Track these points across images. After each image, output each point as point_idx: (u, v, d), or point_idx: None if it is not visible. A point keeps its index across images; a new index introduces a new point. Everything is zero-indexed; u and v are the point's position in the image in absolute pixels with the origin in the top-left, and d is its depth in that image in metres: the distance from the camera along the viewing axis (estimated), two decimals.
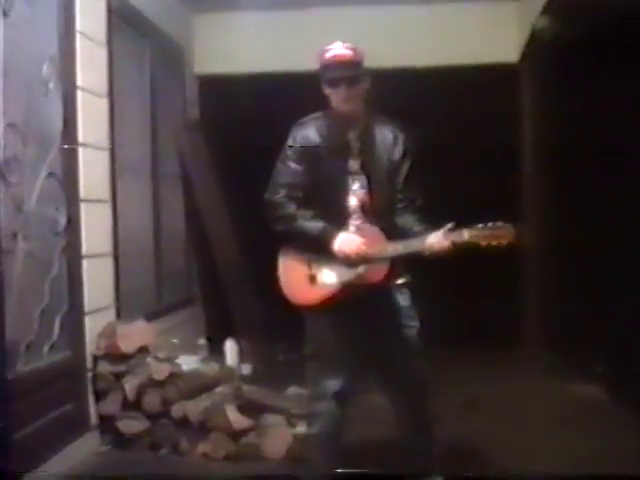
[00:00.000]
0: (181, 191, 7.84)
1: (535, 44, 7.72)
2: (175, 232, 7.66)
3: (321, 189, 4.25)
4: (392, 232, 4.20)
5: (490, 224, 4.00)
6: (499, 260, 4.38)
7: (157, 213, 7.12)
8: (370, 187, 4.24)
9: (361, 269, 4.17)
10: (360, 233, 4.20)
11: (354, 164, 4.27)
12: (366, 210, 4.24)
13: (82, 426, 5.26)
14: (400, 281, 4.32)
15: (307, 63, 7.88)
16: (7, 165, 4.43)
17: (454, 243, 3.99)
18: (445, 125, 4.41)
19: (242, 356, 6.81)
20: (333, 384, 4.23)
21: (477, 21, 8.14)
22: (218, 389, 5.56)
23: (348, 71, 4.19)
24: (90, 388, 5.40)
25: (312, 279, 4.29)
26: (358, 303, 4.15)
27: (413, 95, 4.41)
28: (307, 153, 4.27)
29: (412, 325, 4.32)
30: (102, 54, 5.87)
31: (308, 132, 4.30)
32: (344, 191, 4.24)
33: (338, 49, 4.23)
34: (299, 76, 8.11)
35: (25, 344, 4.63)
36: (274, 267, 4.41)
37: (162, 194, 7.26)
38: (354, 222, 4.24)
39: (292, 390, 5.84)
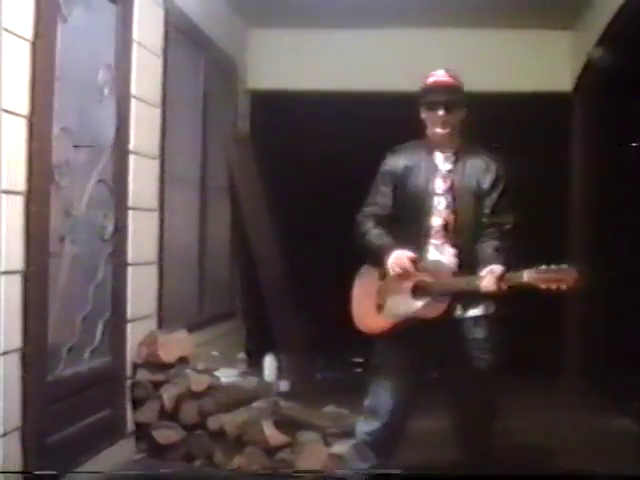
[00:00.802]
0: (228, 204, 7.86)
1: (590, 74, 7.69)
2: (220, 244, 7.68)
3: (407, 208, 4.31)
4: (471, 256, 4.23)
5: (553, 267, 3.98)
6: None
7: (203, 225, 7.14)
8: (456, 208, 4.28)
9: (420, 303, 4.19)
10: (429, 266, 4.23)
11: (441, 184, 4.32)
12: (449, 230, 4.27)
13: (118, 433, 5.27)
14: (476, 313, 4.33)
15: (356, 83, 7.97)
16: (59, 169, 4.46)
17: (510, 287, 4.02)
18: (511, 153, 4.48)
19: (280, 372, 6.81)
20: (392, 401, 4.26)
21: (532, 49, 8.13)
22: (255, 404, 5.55)
23: (448, 96, 4.27)
24: (128, 395, 5.41)
25: (379, 308, 4.34)
26: (431, 329, 4.18)
27: (477, 121, 4.44)
28: (395, 177, 4.37)
29: (485, 358, 4.33)
30: (157, 64, 5.93)
31: (399, 158, 4.42)
32: (429, 210, 4.28)
33: (440, 75, 4.34)
34: (348, 95, 8.20)
35: (67, 348, 4.64)
36: (317, 284, 4.46)
37: (209, 206, 7.29)
38: (434, 242, 4.28)
39: (329, 408, 5.82)
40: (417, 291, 4.23)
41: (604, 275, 6.73)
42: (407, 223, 4.34)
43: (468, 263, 4.24)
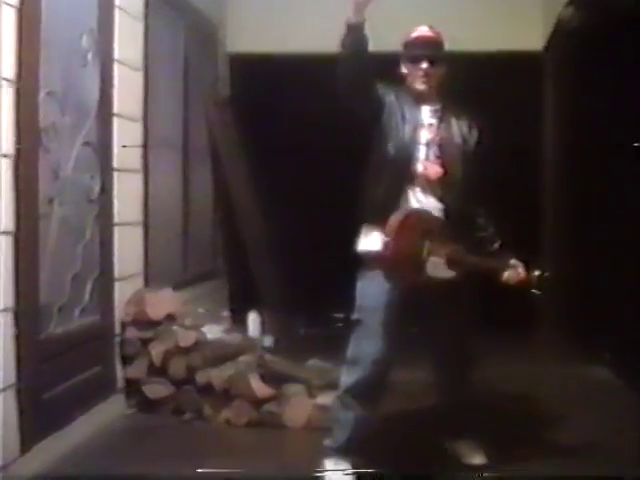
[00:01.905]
0: (210, 165, 7.96)
1: (560, 34, 7.80)
2: (203, 205, 7.79)
3: (389, 149, 4.36)
4: (460, 215, 4.34)
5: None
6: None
7: (186, 186, 7.25)
8: (443, 161, 4.37)
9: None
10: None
11: (426, 135, 4.39)
12: (429, 180, 4.35)
13: (109, 389, 5.41)
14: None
15: (335, 44, 8.01)
16: (46, 132, 4.55)
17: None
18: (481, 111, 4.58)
19: (264, 328, 6.93)
20: (375, 350, 4.32)
21: (505, 9, 8.24)
22: (241, 358, 5.68)
23: (431, 50, 4.37)
24: (118, 352, 5.55)
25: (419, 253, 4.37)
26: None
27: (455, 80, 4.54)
28: (384, 100, 4.39)
29: (463, 312, 4.50)
30: (139, 29, 6.01)
31: (388, 90, 4.43)
32: (411, 157, 4.35)
33: (424, 31, 4.43)
34: (328, 57, 8.24)
35: (58, 307, 4.76)
36: (298, 242, 4.48)
37: (192, 167, 7.40)
38: (416, 189, 4.36)
39: (313, 362, 5.97)
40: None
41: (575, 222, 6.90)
42: (390, 161, 4.34)
43: (454, 218, 4.34)
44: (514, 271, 4.35)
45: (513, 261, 4.37)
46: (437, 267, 4.27)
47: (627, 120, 6.12)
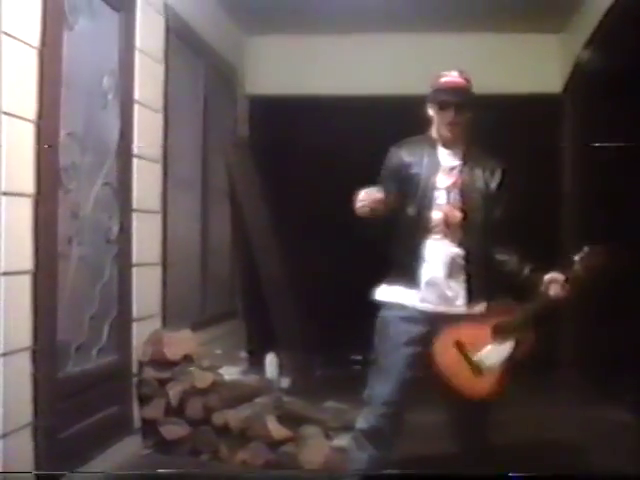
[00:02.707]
0: (228, 206, 7.99)
1: (578, 76, 7.82)
2: (221, 245, 7.82)
3: (409, 201, 4.38)
4: (482, 257, 4.34)
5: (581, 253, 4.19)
6: None
7: (205, 226, 7.27)
8: (464, 205, 4.38)
9: (507, 344, 4.30)
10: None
11: (445, 180, 4.41)
12: (451, 226, 4.36)
13: (126, 429, 5.39)
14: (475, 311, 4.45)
15: (352, 87, 8.08)
16: (66, 172, 4.59)
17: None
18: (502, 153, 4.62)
19: (282, 369, 6.92)
20: (388, 392, 4.31)
21: (525, 51, 8.28)
22: (258, 399, 5.67)
23: (460, 97, 4.38)
24: (135, 393, 5.54)
25: (476, 371, 4.37)
26: (430, 323, 4.30)
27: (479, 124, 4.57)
28: (398, 170, 4.43)
29: None
30: (159, 70, 6.07)
31: (402, 152, 4.48)
32: (429, 204, 4.37)
33: (454, 76, 4.46)
34: (345, 99, 8.33)
35: (75, 346, 4.77)
36: (316, 283, 4.51)
37: (210, 208, 7.43)
38: (434, 236, 4.37)
39: (329, 404, 5.95)
40: (496, 334, 4.35)
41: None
42: (409, 216, 4.39)
43: (476, 263, 4.35)
44: (555, 284, 4.29)
45: (547, 276, 4.32)
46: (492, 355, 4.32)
47: None
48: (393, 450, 4.46)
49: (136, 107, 5.57)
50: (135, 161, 5.55)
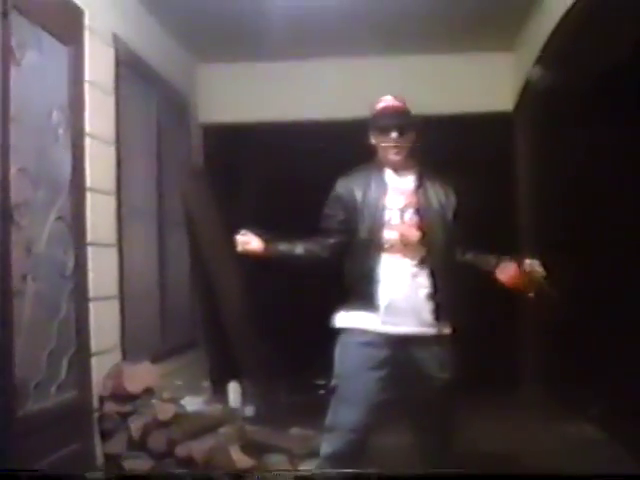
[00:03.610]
0: (185, 236, 7.96)
1: (529, 93, 7.89)
2: (179, 276, 7.77)
3: (359, 225, 4.41)
4: (448, 266, 4.37)
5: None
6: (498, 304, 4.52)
7: (162, 257, 7.24)
8: (422, 224, 4.40)
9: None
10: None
11: (398, 202, 4.43)
12: (407, 244, 4.37)
13: (88, 465, 5.33)
14: (433, 332, 4.45)
15: (306, 113, 8.10)
16: (18, 209, 4.55)
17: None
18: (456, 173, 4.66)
19: (245, 398, 6.89)
20: (352, 418, 4.32)
21: (474, 71, 8.34)
22: (222, 430, 5.64)
23: (399, 120, 4.41)
24: (96, 428, 5.48)
25: None
26: (393, 345, 4.30)
27: (426, 145, 4.62)
28: (345, 198, 4.47)
29: (442, 376, 4.46)
30: (110, 102, 6.03)
31: (350, 182, 4.51)
32: (381, 224, 4.39)
33: (389, 101, 4.48)
34: (297, 125, 8.34)
35: (34, 383, 4.70)
36: (276, 310, 4.53)
37: (167, 238, 7.39)
38: (389, 256, 4.38)
39: (295, 430, 5.93)
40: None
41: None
42: (361, 239, 4.41)
43: (441, 277, 4.37)
44: (507, 267, 4.30)
45: (506, 261, 4.34)
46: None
47: (598, 177, 6.19)
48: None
49: (87, 140, 5.53)
50: (88, 194, 5.51)
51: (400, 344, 4.34)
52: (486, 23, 7.43)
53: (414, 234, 4.39)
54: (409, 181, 4.50)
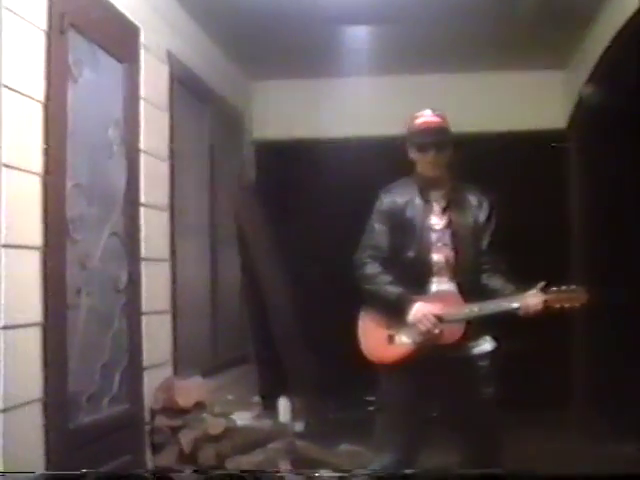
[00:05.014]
0: (237, 251, 8.01)
1: (582, 111, 7.85)
2: (231, 291, 7.82)
3: (406, 247, 4.41)
4: (477, 290, 4.35)
5: (564, 287, 4.14)
6: (550, 323, 4.50)
7: (214, 272, 7.28)
8: (455, 244, 4.39)
9: (437, 330, 4.30)
10: (438, 297, 4.34)
11: (439, 222, 4.43)
12: (450, 266, 4.38)
13: (139, 478, 5.37)
14: (484, 348, 4.44)
15: (359, 130, 8.10)
16: (73, 223, 4.61)
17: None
18: (506, 190, 4.65)
19: (294, 413, 6.90)
20: (399, 438, 4.33)
21: (526, 88, 8.33)
22: (271, 445, 5.66)
23: (438, 137, 4.39)
24: (147, 441, 5.53)
25: (390, 339, 4.43)
26: (436, 364, 4.29)
27: (474, 160, 4.63)
28: (392, 215, 4.47)
29: (490, 392, 4.44)
30: (164, 119, 6.11)
31: (394, 196, 4.51)
32: (428, 247, 4.39)
33: (428, 116, 4.46)
34: (350, 142, 8.36)
35: (87, 396, 4.76)
36: (326, 326, 4.53)
37: (219, 254, 7.44)
38: (437, 279, 4.38)
39: (343, 447, 5.93)
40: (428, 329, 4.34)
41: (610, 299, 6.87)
42: (407, 260, 4.42)
43: (468, 299, 4.35)
44: (536, 296, 4.23)
45: (527, 294, 4.26)
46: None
47: None
48: None
49: (142, 156, 5.60)
50: (142, 210, 5.57)
51: (444, 360, 4.33)
52: (538, 41, 7.40)
53: (452, 255, 4.40)
54: (445, 198, 4.49)
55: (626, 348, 6.78)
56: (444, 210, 4.45)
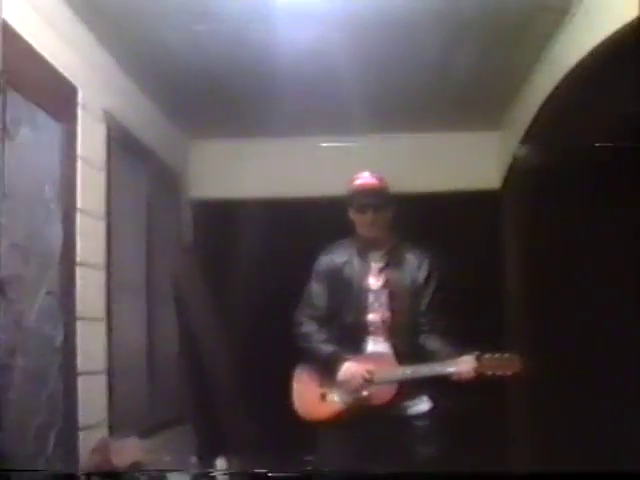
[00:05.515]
0: (174, 311, 7.97)
1: (515, 172, 7.98)
2: (168, 350, 7.75)
3: (343, 305, 4.44)
4: (414, 351, 4.38)
5: (497, 355, 4.18)
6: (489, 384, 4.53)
7: (151, 332, 7.22)
8: (392, 304, 4.43)
9: (365, 392, 4.32)
10: (371, 358, 4.37)
11: (376, 282, 4.47)
12: (386, 326, 4.41)
13: None
14: (420, 409, 4.46)
15: (298, 190, 8.15)
16: (8, 283, 4.56)
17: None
18: (444, 251, 4.71)
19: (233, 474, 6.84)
20: None
21: (460, 149, 8.45)
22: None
23: (375, 198, 4.45)
24: None
25: (322, 397, 4.46)
26: (372, 423, 4.30)
27: (408, 220, 4.68)
28: (330, 275, 4.51)
29: (428, 451, 4.45)
30: (101, 178, 6.09)
31: (332, 256, 4.56)
32: (365, 307, 4.42)
33: (366, 178, 4.52)
34: (289, 202, 8.40)
35: (21, 457, 4.68)
36: (265, 386, 4.54)
37: (156, 313, 7.39)
38: (373, 339, 4.41)
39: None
40: (356, 388, 4.37)
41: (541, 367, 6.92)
42: (344, 320, 4.46)
43: (403, 360, 4.38)
44: (467, 363, 4.27)
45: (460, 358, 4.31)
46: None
47: (586, 256, 6.23)
48: None
49: (78, 215, 5.58)
50: (78, 269, 5.53)
51: (382, 420, 4.35)
52: (472, 102, 7.53)
53: (388, 315, 4.44)
54: (383, 259, 4.54)
55: (565, 412, 6.83)
56: (381, 270, 4.51)
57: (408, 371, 4.31)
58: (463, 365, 4.21)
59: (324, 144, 8.36)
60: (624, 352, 5.74)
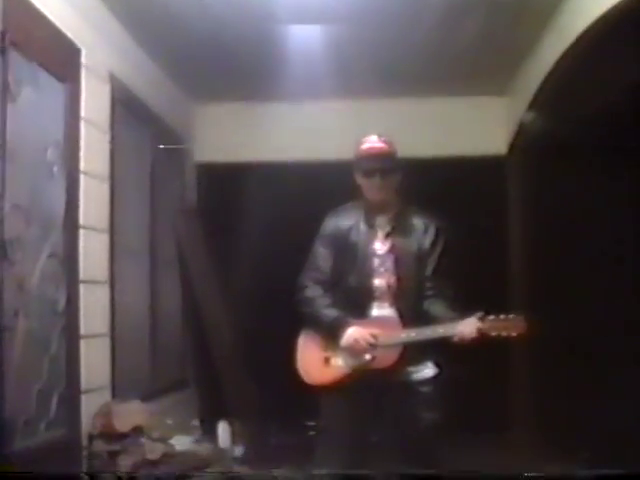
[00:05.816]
0: (177, 274, 7.96)
1: (522, 137, 7.93)
2: (171, 314, 7.76)
3: (348, 269, 4.41)
4: (419, 316, 4.35)
5: (502, 316, 4.15)
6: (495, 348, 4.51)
7: (154, 295, 7.23)
8: (397, 269, 4.40)
9: (368, 356, 4.30)
10: (376, 322, 4.34)
11: (382, 247, 4.44)
12: (392, 291, 4.38)
13: None
14: (425, 374, 4.45)
15: (303, 154, 8.11)
16: (11, 245, 4.53)
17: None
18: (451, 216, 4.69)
19: (234, 438, 6.85)
20: (338, 463, 4.31)
21: (468, 114, 8.41)
22: (211, 469, 5.61)
23: (383, 163, 4.40)
24: (85, 466, 5.44)
25: (326, 361, 4.43)
26: (376, 388, 4.29)
27: (415, 185, 4.64)
28: (336, 239, 4.48)
29: (431, 417, 4.44)
30: (105, 140, 6.05)
31: (339, 220, 4.52)
32: (371, 272, 4.40)
33: (373, 142, 4.46)
34: (290, 165, 8.36)
35: (22, 421, 4.67)
36: (267, 350, 4.53)
37: (159, 277, 7.39)
38: (378, 304, 4.39)
39: (282, 471, 5.88)
40: (361, 351, 4.36)
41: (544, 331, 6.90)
42: (349, 285, 4.43)
43: (408, 325, 4.36)
44: (471, 323, 4.24)
45: (462, 322, 4.27)
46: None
47: (590, 224, 6.21)
48: None
49: (82, 177, 5.54)
50: (82, 232, 5.50)
51: (386, 384, 4.33)
52: (480, 67, 7.48)
53: (394, 280, 4.42)
54: (390, 223, 4.51)
55: (568, 376, 6.83)
56: (387, 235, 4.47)
57: (412, 333, 4.29)
58: (467, 326, 4.17)
59: (330, 107, 8.29)
60: (627, 316, 5.73)
